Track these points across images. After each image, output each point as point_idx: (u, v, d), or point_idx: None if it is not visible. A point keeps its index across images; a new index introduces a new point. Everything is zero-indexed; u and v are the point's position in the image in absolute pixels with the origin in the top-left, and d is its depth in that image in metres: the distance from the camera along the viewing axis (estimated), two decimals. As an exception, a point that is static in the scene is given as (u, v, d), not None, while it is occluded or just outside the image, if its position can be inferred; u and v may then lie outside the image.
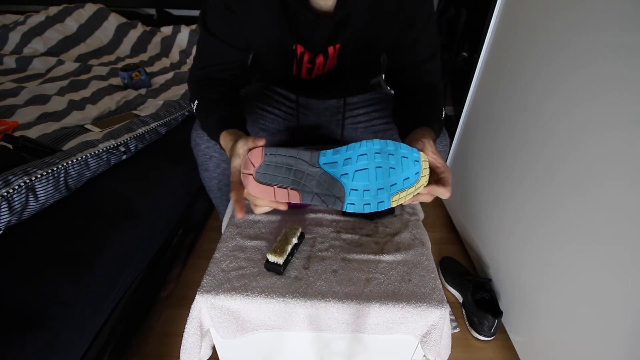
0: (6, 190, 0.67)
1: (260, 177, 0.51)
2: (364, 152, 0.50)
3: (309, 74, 0.80)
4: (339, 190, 0.51)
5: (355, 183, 0.50)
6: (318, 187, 0.51)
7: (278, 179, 0.50)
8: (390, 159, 0.50)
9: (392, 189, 0.51)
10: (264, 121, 0.90)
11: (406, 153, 0.51)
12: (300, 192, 0.51)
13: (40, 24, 1.75)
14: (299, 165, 0.50)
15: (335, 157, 0.50)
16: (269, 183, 0.51)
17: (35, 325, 0.60)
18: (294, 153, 0.50)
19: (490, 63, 1.09)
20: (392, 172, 0.50)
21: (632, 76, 0.59)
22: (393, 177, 0.50)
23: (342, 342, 0.69)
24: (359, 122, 0.92)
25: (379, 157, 0.50)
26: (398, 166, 0.50)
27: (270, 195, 0.51)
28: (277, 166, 0.50)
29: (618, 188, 0.61)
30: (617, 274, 0.61)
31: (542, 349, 0.82)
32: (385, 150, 0.50)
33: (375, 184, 0.50)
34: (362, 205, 0.51)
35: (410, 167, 0.51)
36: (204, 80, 0.74)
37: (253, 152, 0.51)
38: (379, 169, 0.50)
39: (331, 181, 0.50)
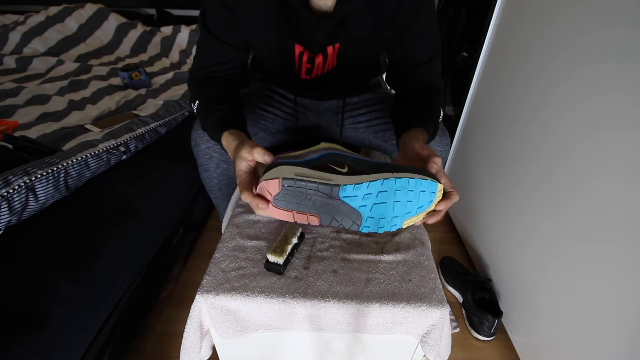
0: (6, 190, 0.67)
1: (278, 203, 0.51)
2: (384, 189, 0.50)
3: (308, 74, 0.80)
4: (357, 217, 0.52)
5: (372, 213, 0.52)
6: (336, 214, 0.52)
7: (297, 205, 0.51)
8: (409, 194, 0.51)
9: (406, 215, 0.53)
10: (264, 121, 0.90)
11: (425, 187, 0.51)
12: (319, 217, 0.52)
13: (40, 24, 1.75)
14: (318, 196, 0.50)
15: (355, 192, 0.50)
16: (287, 208, 0.51)
17: (35, 325, 0.60)
18: (313, 186, 0.49)
19: (490, 63, 1.09)
20: (409, 204, 0.52)
21: (632, 76, 0.59)
22: (409, 208, 0.52)
23: (342, 342, 0.69)
24: (359, 122, 0.92)
25: (398, 193, 0.51)
26: (415, 199, 0.52)
27: (290, 218, 0.52)
28: (295, 195, 0.50)
29: (618, 188, 0.61)
30: (617, 274, 0.61)
31: (542, 349, 0.82)
32: (406, 187, 0.51)
33: (391, 214, 0.52)
34: (377, 228, 0.53)
35: (426, 198, 0.52)
36: (204, 80, 0.74)
37: (270, 182, 0.49)
38: (397, 203, 0.51)
39: (349, 210, 0.51)
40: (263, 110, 0.90)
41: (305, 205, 0.51)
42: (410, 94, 0.77)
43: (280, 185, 0.49)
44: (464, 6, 1.46)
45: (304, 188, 0.49)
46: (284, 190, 0.50)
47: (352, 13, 0.68)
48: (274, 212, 0.52)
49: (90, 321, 0.70)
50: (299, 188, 0.49)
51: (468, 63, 1.41)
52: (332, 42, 0.72)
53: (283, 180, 0.49)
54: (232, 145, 0.61)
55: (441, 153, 0.83)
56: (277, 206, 0.51)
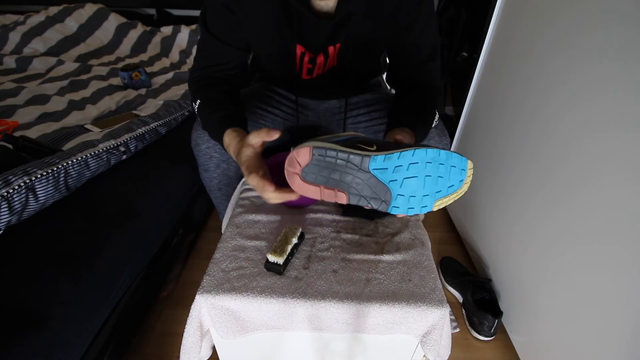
0: (6, 190, 0.67)
1: (306, 176, 0.49)
2: (415, 160, 0.49)
3: (309, 74, 0.80)
4: (386, 194, 0.50)
5: (403, 189, 0.50)
6: (365, 190, 0.50)
7: (325, 179, 0.49)
8: (440, 168, 0.50)
9: (437, 195, 0.52)
10: (264, 121, 0.90)
11: (456, 162, 0.51)
12: (347, 194, 0.50)
13: (40, 24, 1.75)
14: (348, 168, 0.49)
15: (386, 163, 0.49)
16: (315, 182, 0.49)
17: (35, 325, 0.60)
18: (344, 156, 0.48)
19: (490, 63, 1.09)
20: (439, 180, 0.51)
21: (632, 76, 0.59)
22: (440, 185, 0.51)
23: (342, 342, 0.69)
24: (359, 122, 0.92)
25: (429, 166, 0.50)
26: (446, 175, 0.51)
27: (317, 195, 0.50)
28: (325, 167, 0.49)
29: (618, 188, 0.61)
30: (617, 274, 0.61)
31: (542, 349, 0.82)
32: (437, 159, 0.50)
33: (422, 191, 0.50)
34: (407, 209, 0.51)
35: (457, 176, 0.51)
36: (205, 80, 0.74)
37: (300, 151, 0.48)
38: (428, 177, 0.50)
39: (379, 185, 0.49)
40: (263, 110, 0.90)
41: (334, 179, 0.49)
42: (409, 94, 0.77)
43: (311, 155, 0.48)
44: (464, 6, 1.46)
45: (334, 158, 0.48)
46: (314, 161, 0.48)
47: (353, 13, 0.68)
48: (301, 186, 0.50)
49: (90, 321, 0.70)
50: (330, 158, 0.48)
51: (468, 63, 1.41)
52: (333, 42, 0.72)
53: (314, 149, 0.48)
54: (234, 142, 0.61)
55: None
56: (305, 180, 0.49)
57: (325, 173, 0.49)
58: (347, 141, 0.52)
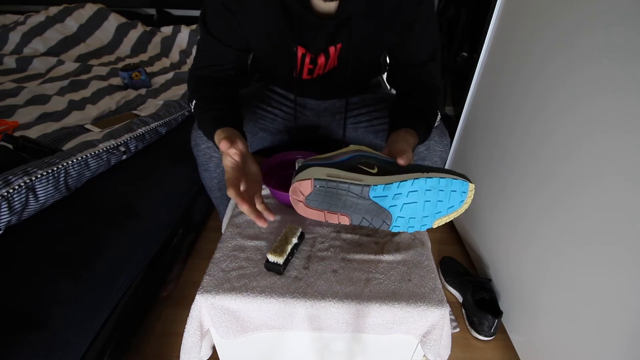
0: (6, 190, 0.67)
1: (310, 202, 0.52)
2: (415, 189, 0.51)
3: (310, 74, 0.80)
4: (387, 217, 0.52)
5: (402, 212, 0.52)
6: (367, 214, 0.52)
7: (328, 205, 0.52)
8: (439, 194, 0.52)
9: (437, 215, 0.53)
10: (264, 121, 0.90)
11: (456, 187, 0.52)
12: (349, 217, 0.52)
13: (40, 24, 1.74)
14: (349, 196, 0.51)
15: (385, 192, 0.51)
16: (319, 208, 0.52)
17: (35, 325, 0.60)
18: (344, 187, 0.51)
19: (490, 63, 1.09)
20: (439, 204, 0.52)
21: (632, 76, 0.59)
22: (439, 208, 0.52)
23: (342, 342, 0.69)
24: (359, 122, 0.92)
25: (429, 193, 0.51)
26: (445, 199, 0.52)
27: (321, 218, 0.53)
28: (327, 195, 0.51)
29: (618, 188, 0.61)
30: (617, 274, 0.61)
31: (542, 349, 0.82)
32: (437, 187, 0.51)
33: (421, 213, 0.52)
34: (407, 228, 0.53)
35: (457, 198, 0.52)
36: (203, 80, 0.74)
37: (302, 183, 0.51)
38: (427, 202, 0.52)
39: (379, 210, 0.52)
40: (263, 110, 0.90)
41: (336, 205, 0.52)
42: (409, 94, 0.77)
43: (313, 186, 0.51)
44: (464, 6, 1.46)
45: (335, 188, 0.51)
46: (316, 191, 0.51)
47: (354, 14, 0.68)
48: (305, 211, 0.53)
49: (90, 321, 0.70)
50: (331, 188, 0.51)
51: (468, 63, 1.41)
52: (334, 42, 0.72)
53: (315, 181, 0.50)
54: None
55: (441, 153, 0.83)
56: (309, 205, 0.52)
57: (328, 200, 0.52)
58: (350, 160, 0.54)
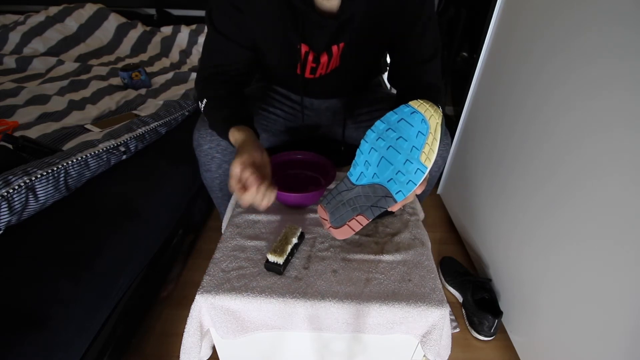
0: (6, 190, 0.67)
1: (334, 223, 0.58)
2: (369, 147, 0.54)
3: (313, 73, 0.80)
4: (382, 190, 0.54)
5: (385, 175, 0.53)
6: (367, 200, 0.55)
7: (344, 215, 0.57)
8: (389, 133, 0.52)
9: (414, 153, 0.50)
10: (267, 122, 0.90)
11: (397, 116, 0.52)
12: (363, 214, 0.56)
13: (40, 24, 1.75)
14: (346, 195, 0.57)
15: (357, 169, 0.55)
16: (341, 225, 0.57)
17: (35, 325, 0.60)
18: (335, 192, 0.58)
19: (490, 63, 1.09)
20: (400, 142, 0.51)
21: (631, 76, 0.59)
22: (406, 144, 0.50)
23: (342, 342, 0.69)
24: (360, 122, 0.92)
25: (381, 141, 0.53)
26: (401, 132, 0.51)
27: (349, 232, 0.58)
28: (336, 208, 0.58)
29: (618, 188, 0.61)
30: (617, 273, 0.61)
31: (542, 349, 0.81)
32: (380, 130, 0.53)
33: (398, 162, 0.51)
34: (405, 186, 0.52)
35: (413, 122, 0.50)
36: (212, 78, 0.74)
37: (319, 210, 0.60)
38: (390, 149, 0.52)
39: (371, 188, 0.55)
40: (265, 111, 0.90)
41: (347, 211, 0.57)
42: (410, 93, 0.77)
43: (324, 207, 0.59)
44: (464, 6, 1.46)
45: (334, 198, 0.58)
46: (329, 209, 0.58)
47: (357, 12, 0.68)
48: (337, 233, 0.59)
49: (90, 321, 0.70)
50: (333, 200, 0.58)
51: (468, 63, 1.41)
52: (337, 41, 0.72)
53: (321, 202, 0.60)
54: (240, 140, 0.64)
55: (442, 152, 0.83)
56: (335, 227, 0.58)
57: (339, 212, 0.57)
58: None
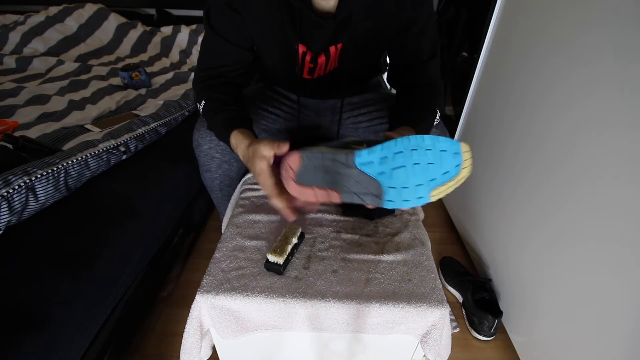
0: (6, 190, 0.67)
1: (299, 179, 0.52)
2: (399, 149, 0.48)
3: (310, 74, 0.80)
4: (377, 188, 0.50)
5: (392, 181, 0.49)
6: (356, 186, 0.51)
7: (317, 180, 0.52)
8: (427, 154, 0.48)
9: (431, 184, 0.49)
10: (266, 122, 0.90)
11: (445, 146, 0.48)
12: (339, 192, 0.51)
13: (40, 24, 1.75)
14: (336, 166, 0.50)
15: (370, 156, 0.49)
16: (309, 185, 0.52)
17: (35, 325, 0.60)
18: (330, 156, 0.50)
19: (490, 63, 1.09)
20: (430, 167, 0.48)
21: (631, 75, 0.59)
22: (432, 172, 0.49)
23: (342, 342, 0.69)
24: (360, 122, 0.92)
25: (416, 154, 0.48)
26: (436, 161, 0.48)
27: (311, 196, 0.52)
28: (315, 168, 0.51)
29: (618, 187, 0.61)
30: (617, 273, 0.61)
31: (542, 349, 0.82)
32: (422, 145, 0.48)
33: (413, 180, 0.49)
34: (401, 202, 0.50)
35: (450, 160, 0.48)
36: (210, 81, 0.74)
37: (290, 157, 0.51)
38: (417, 166, 0.48)
39: (368, 180, 0.50)
40: (264, 111, 0.90)
41: (325, 179, 0.51)
42: (409, 93, 0.77)
43: (300, 159, 0.51)
44: (464, 6, 1.46)
45: (320, 160, 0.51)
46: (304, 165, 0.51)
47: (354, 13, 0.68)
48: (296, 190, 0.53)
49: (90, 321, 0.70)
50: (317, 160, 0.51)
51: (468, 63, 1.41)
52: (335, 42, 0.72)
53: (302, 153, 0.51)
54: (243, 144, 0.61)
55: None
56: (299, 183, 0.52)
57: (317, 175, 0.51)
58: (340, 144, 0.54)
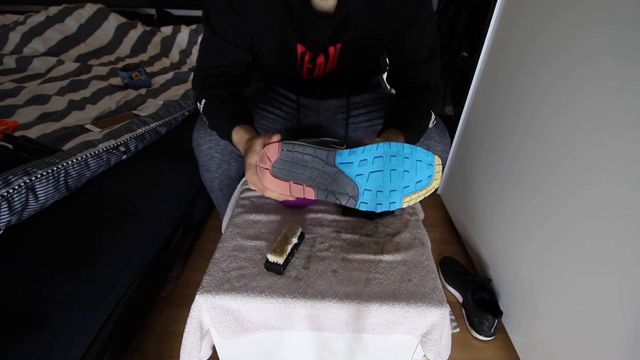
0: (6, 190, 0.67)
1: (276, 171, 0.51)
2: (380, 154, 0.50)
3: (310, 74, 0.80)
4: (353, 189, 0.51)
5: (369, 184, 0.51)
6: (333, 185, 0.51)
7: (294, 174, 0.51)
8: (405, 162, 0.50)
9: (405, 190, 0.51)
10: (266, 122, 0.90)
11: (421, 157, 0.51)
12: (315, 189, 0.51)
13: (40, 24, 1.75)
14: (315, 163, 0.51)
15: (351, 157, 0.50)
16: (285, 178, 0.52)
17: (35, 325, 0.60)
18: (310, 151, 0.50)
19: (490, 63, 1.09)
20: (405, 175, 0.51)
21: (631, 75, 0.59)
22: (406, 180, 0.51)
23: (342, 342, 0.69)
24: (359, 122, 0.92)
25: (394, 160, 0.50)
26: (412, 169, 0.51)
27: (286, 190, 0.52)
28: (294, 162, 0.51)
29: (618, 187, 0.61)
30: (617, 273, 0.61)
31: (542, 349, 0.82)
32: (401, 153, 0.50)
33: (388, 185, 0.51)
34: (375, 205, 0.51)
35: (424, 171, 0.51)
36: (210, 79, 0.74)
37: (270, 147, 0.51)
38: (394, 172, 0.50)
39: (346, 180, 0.51)
40: (264, 111, 0.90)
41: (302, 174, 0.51)
42: (406, 94, 0.77)
43: (280, 151, 0.51)
44: (464, 6, 1.46)
45: (301, 153, 0.50)
46: (283, 157, 0.51)
47: (353, 13, 0.68)
48: (271, 182, 0.52)
49: (90, 321, 0.70)
50: (297, 153, 0.50)
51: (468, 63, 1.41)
52: (334, 42, 0.72)
53: (283, 145, 0.51)
54: (244, 139, 0.62)
55: (441, 153, 0.83)
56: (275, 175, 0.52)
57: (294, 169, 0.51)
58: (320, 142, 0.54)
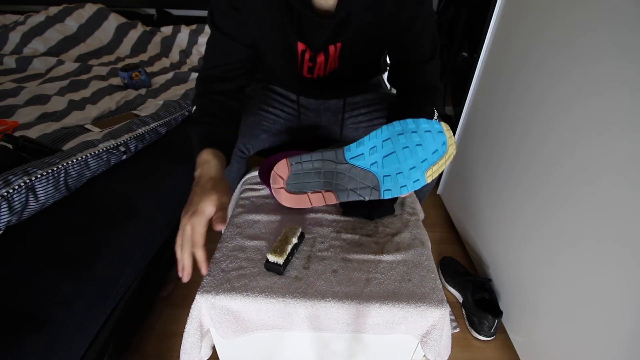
0: (6, 190, 0.67)
1: (291, 187, 0.51)
2: (386, 137, 0.49)
3: (310, 73, 0.80)
4: (372, 180, 0.50)
5: (386, 169, 0.50)
6: (351, 182, 0.50)
7: (309, 185, 0.51)
8: (414, 136, 0.49)
9: (424, 165, 0.50)
10: (266, 122, 0.90)
11: (428, 127, 0.50)
12: (334, 192, 0.51)
13: (40, 24, 1.74)
14: (327, 166, 0.50)
15: (360, 148, 0.50)
16: (301, 192, 0.51)
17: (35, 325, 0.60)
18: (318, 156, 0.50)
19: (490, 63, 1.09)
20: (419, 148, 0.49)
21: (631, 75, 0.59)
22: (422, 154, 0.50)
23: (342, 342, 0.69)
24: (360, 122, 0.92)
25: (402, 137, 0.49)
26: (424, 141, 0.49)
27: (306, 203, 0.51)
28: (306, 173, 0.50)
29: (618, 187, 0.61)
30: (617, 273, 0.61)
31: (542, 349, 0.82)
32: (407, 129, 0.49)
33: (405, 164, 0.50)
34: (399, 189, 0.50)
35: (436, 139, 0.50)
36: (211, 80, 0.74)
37: (279, 166, 0.50)
38: (406, 149, 0.49)
39: (362, 173, 0.50)
40: (265, 112, 0.90)
41: (317, 182, 0.50)
42: (408, 94, 0.77)
43: (289, 166, 0.50)
44: (464, 6, 1.46)
45: (310, 161, 0.50)
46: (294, 170, 0.50)
47: (354, 12, 0.68)
48: (289, 199, 0.51)
49: (90, 321, 0.70)
50: (306, 163, 0.50)
51: (468, 63, 1.41)
52: (334, 41, 0.72)
53: (290, 159, 0.50)
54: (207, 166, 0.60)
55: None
56: (290, 192, 0.51)
57: (308, 179, 0.50)
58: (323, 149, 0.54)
